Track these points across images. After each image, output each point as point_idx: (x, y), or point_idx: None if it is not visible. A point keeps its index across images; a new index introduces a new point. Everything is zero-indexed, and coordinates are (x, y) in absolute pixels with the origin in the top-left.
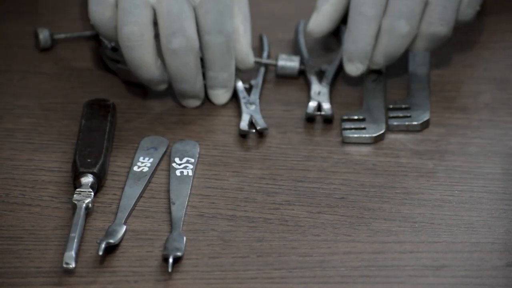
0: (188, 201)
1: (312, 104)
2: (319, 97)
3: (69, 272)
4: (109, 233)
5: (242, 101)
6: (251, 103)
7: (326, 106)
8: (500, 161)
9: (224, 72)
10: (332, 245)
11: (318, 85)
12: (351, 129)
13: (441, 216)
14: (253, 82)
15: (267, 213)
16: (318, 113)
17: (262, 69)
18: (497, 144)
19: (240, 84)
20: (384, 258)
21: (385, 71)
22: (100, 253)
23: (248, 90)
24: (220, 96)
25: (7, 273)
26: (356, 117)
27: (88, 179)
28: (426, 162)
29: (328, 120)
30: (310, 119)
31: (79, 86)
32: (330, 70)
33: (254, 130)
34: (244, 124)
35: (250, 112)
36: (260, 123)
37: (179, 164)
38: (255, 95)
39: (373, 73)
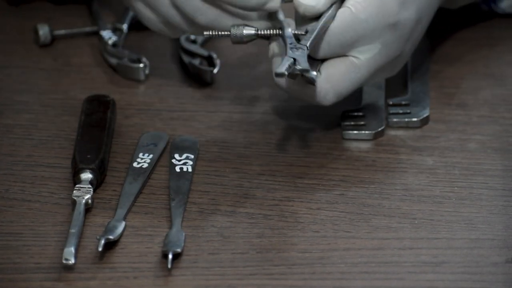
0: (188, 197)
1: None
2: None
3: (68, 268)
4: (108, 229)
5: (289, 46)
6: (297, 48)
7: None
8: (500, 157)
9: None
10: (331, 241)
11: None
12: (351, 125)
13: (441, 213)
14: (309, 27)
15: (266, 209)
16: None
17: (326, 13)
18: (497, 141)
19: (289, 31)
20: (383, 254)
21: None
22: (100, 249)
23: (300, 36)
24: None
25: (7, 269)
26: (355, 114)
27: (87, 175)
28: (425, 159)
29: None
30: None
31: (78, 82)
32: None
33: (286, 74)
34: (281, 67)
35: (295, 56)
36: (303, 64)
37: (179, 160)
38: (305, 41)
39: None
